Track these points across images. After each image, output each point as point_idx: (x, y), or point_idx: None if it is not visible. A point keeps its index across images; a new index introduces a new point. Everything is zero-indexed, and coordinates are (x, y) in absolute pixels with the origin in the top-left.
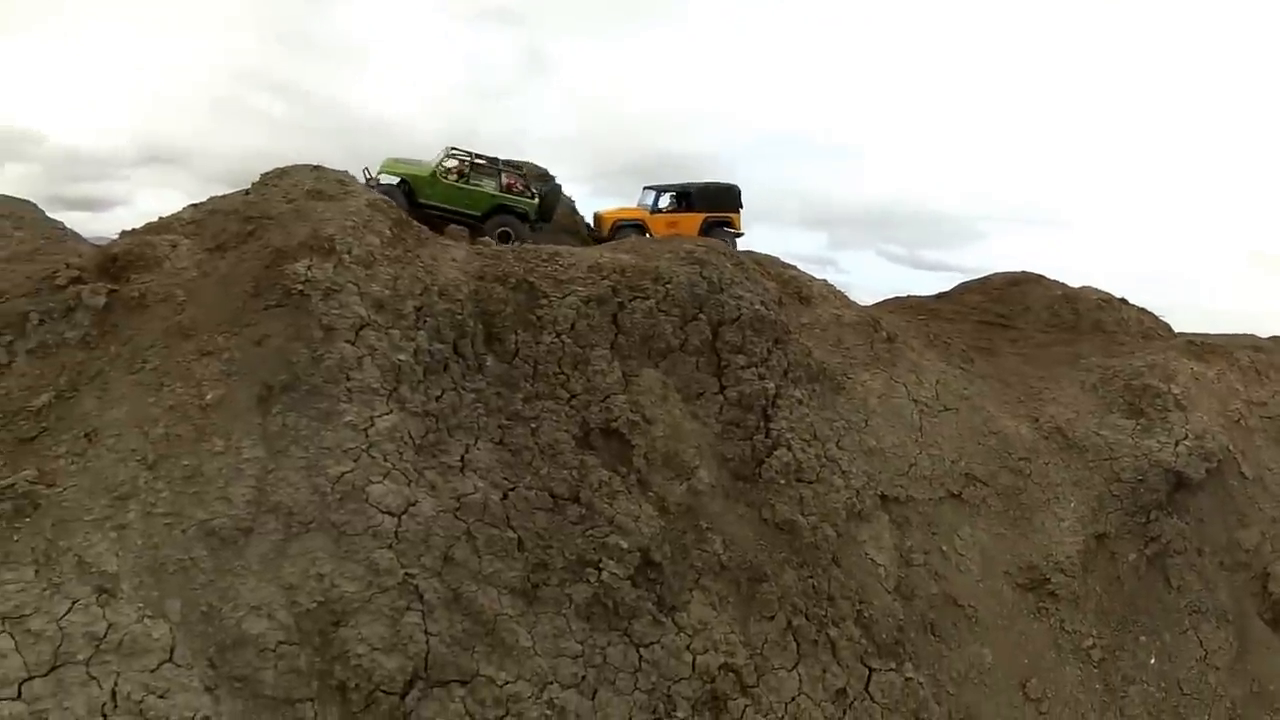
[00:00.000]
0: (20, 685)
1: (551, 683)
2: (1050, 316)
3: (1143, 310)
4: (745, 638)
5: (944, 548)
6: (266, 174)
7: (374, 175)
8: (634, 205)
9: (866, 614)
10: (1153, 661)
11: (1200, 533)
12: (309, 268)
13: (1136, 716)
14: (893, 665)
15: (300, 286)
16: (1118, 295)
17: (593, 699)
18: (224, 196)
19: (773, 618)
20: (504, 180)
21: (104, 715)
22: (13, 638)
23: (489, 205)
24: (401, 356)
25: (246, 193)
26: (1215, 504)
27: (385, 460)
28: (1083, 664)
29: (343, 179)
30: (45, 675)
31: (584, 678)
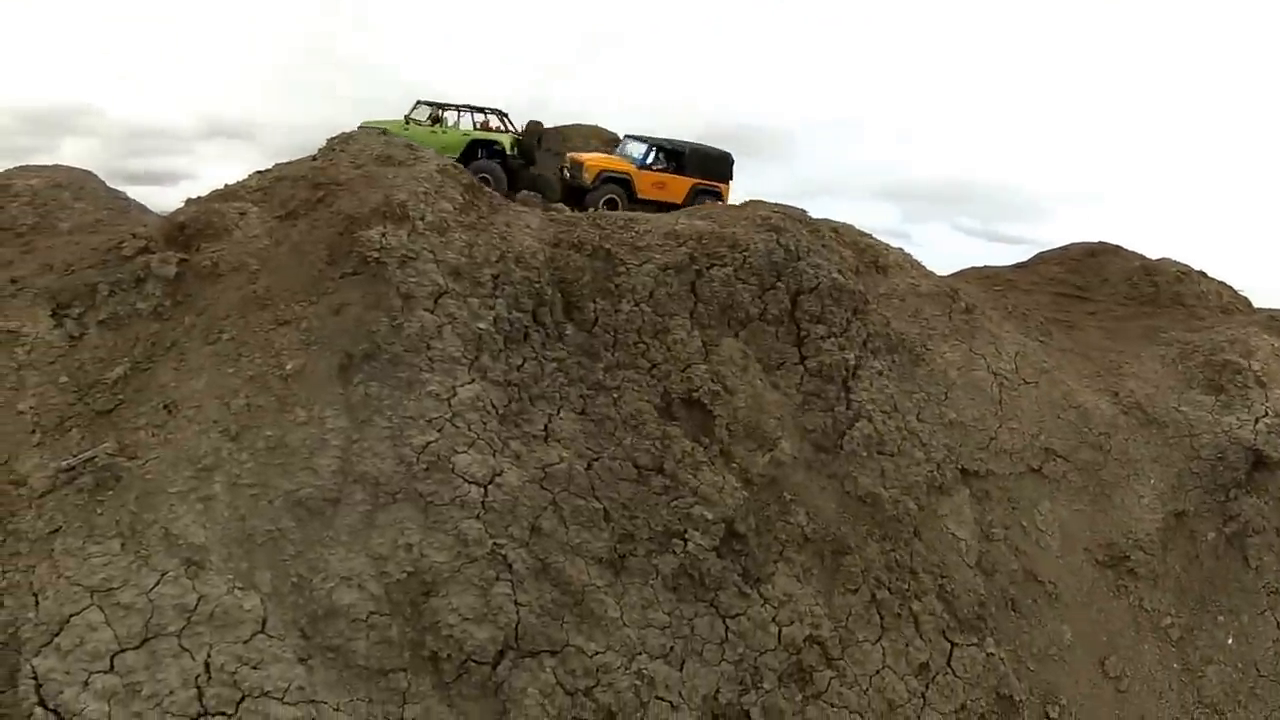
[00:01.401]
0: (112, 658)
1: (640, 653)
2: (1129, 289)
3: (1222, 284)
4: (829, 610)
5: (1024, 523)
6: (332, 140)
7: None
8: (615, 155)
9: (948, 588)
10: (1230, 642)
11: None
12: (384, 235)
13: (1213, 697)
14: (974, 640)
15: (376, 254)
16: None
17: (680, 669)
18: (290, 163)
19: (856, 590)
20: (477, 120)
21: (198, 687)
22: (102, 610)
23: (464, 144)
24: (481, 325)
25: (314, 159)
26: None
27: (470, 430)
28: (1161, 643)
29: (410, 145)
30: (137, 648)
31: (672, 648)
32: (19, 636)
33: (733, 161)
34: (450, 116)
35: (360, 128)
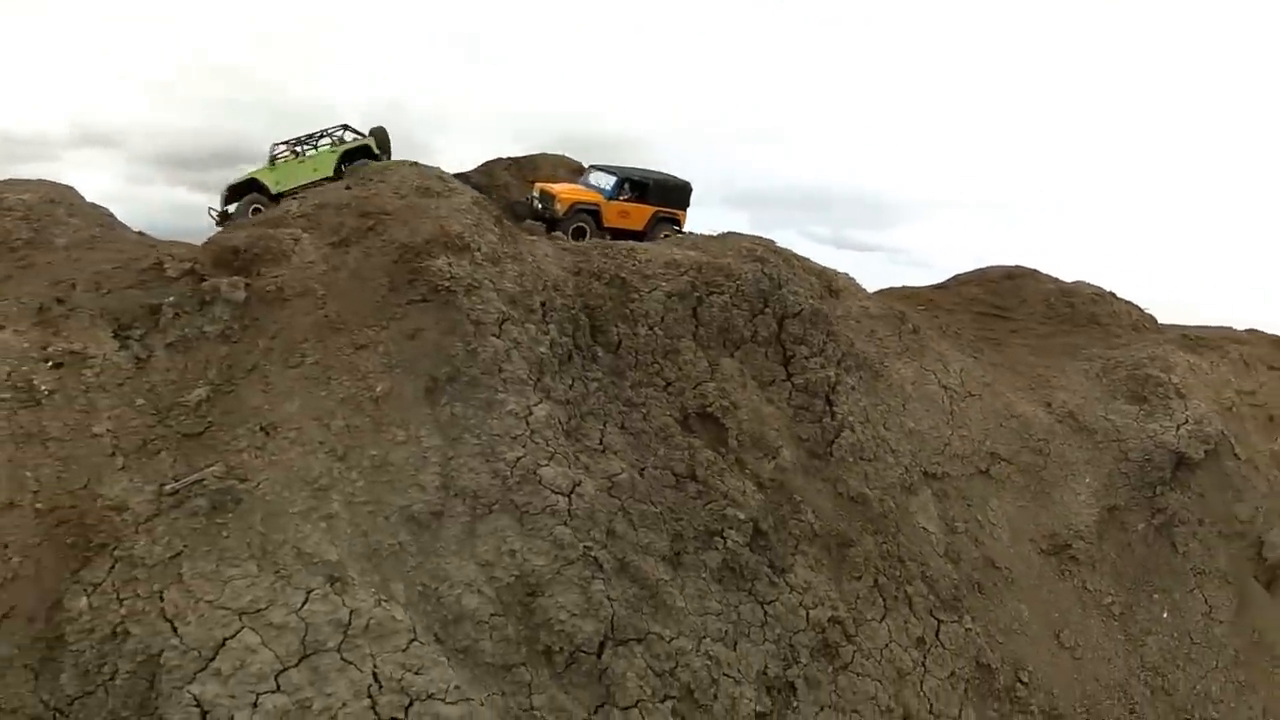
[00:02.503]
0: (276, 677)
1: (704, 637)
2: (1046, 309)
3: (1130, 303)
4: (841, 595)
5: (979, 518)
6: (367, 169)
7: (219, 208)
8: (579, 185)
9: (928, 574)
10: (1165, 616)
11: (1201, 506)
12: (449, 264)
13: (1154, 662)
14: (955, 618)
15: (446, 282)
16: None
17: (734, 649)
18: (328, 190)
19: (860, 577)
20: (331, 138)
21: (370, 696)
22: (255, 631)
23: (336, 161)
24: (541, 349)
25: (348, 187)
26: (1213, 481)
27: (548, 445)
28: (1105, 618)
29: (442, 175)
30: (297, 665)
31: (726, 632)
32: (161, 663)
33: (690, 190)
34: (310, 145)
35: (230, 188)
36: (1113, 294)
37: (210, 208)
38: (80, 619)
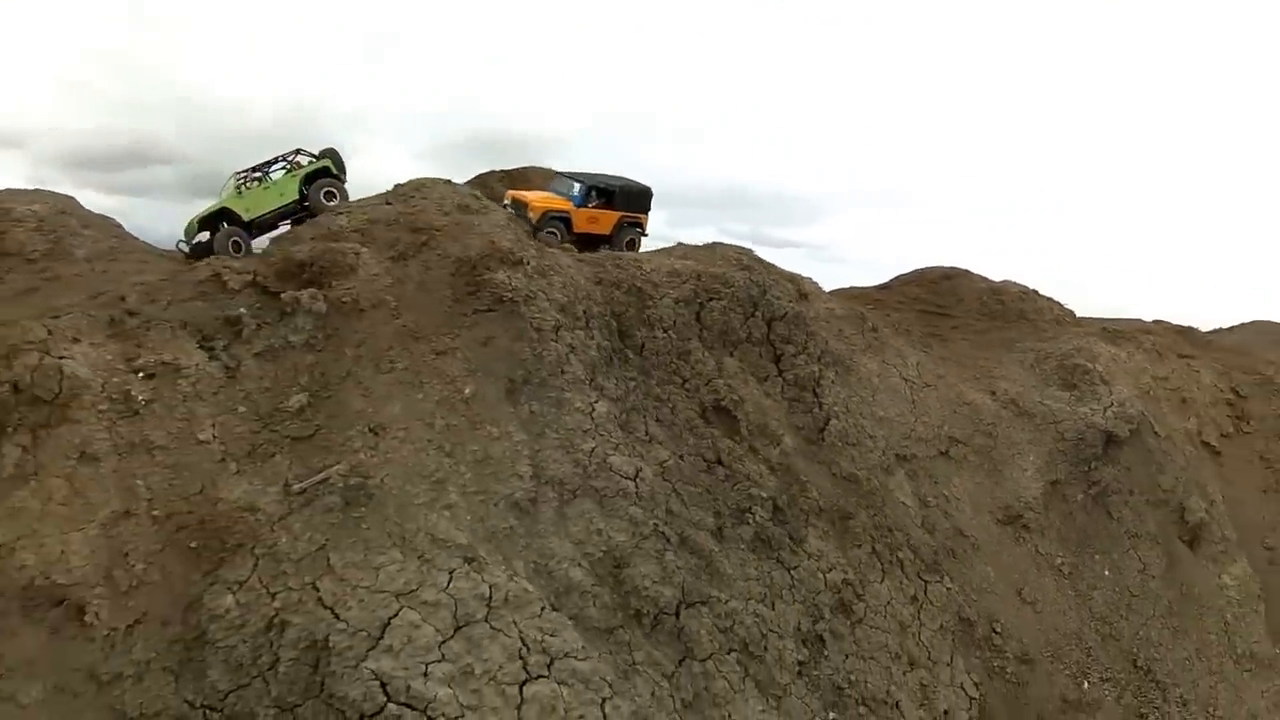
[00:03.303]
0: (440, 647)
1: (750, 599)
2: (980, 306)
3: (1051, 299)
4: (847, 560)
5: (945, 493)
6: (401, 186)
7: (187, 240)
8: (549, 193)
9: (911, 542)
10: (1106, 573)
11: (1129, 477)
12: (509, 277)
13: (1102, 612)
14: (937, 579)
15: (509, 293)
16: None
17: (773, 609)
18: (370, 206)
19: (860, 546)
20: (288, 163)
21: (520, 657)
22: (414, 610)
23: (299, 184)
24: (591, 352)
25: (388, 202)
26: (1138, 456)
27: (611, 437)
28: (1057, 577)
29: (476, 194)
30: (454, 636)
31: (765, 594)
32: (330, 647)
33: (652, 195)
34: (268, 171)
35: (200, 219)
36: (1036, 291)
37: (180, 241)
38: (227, 616)
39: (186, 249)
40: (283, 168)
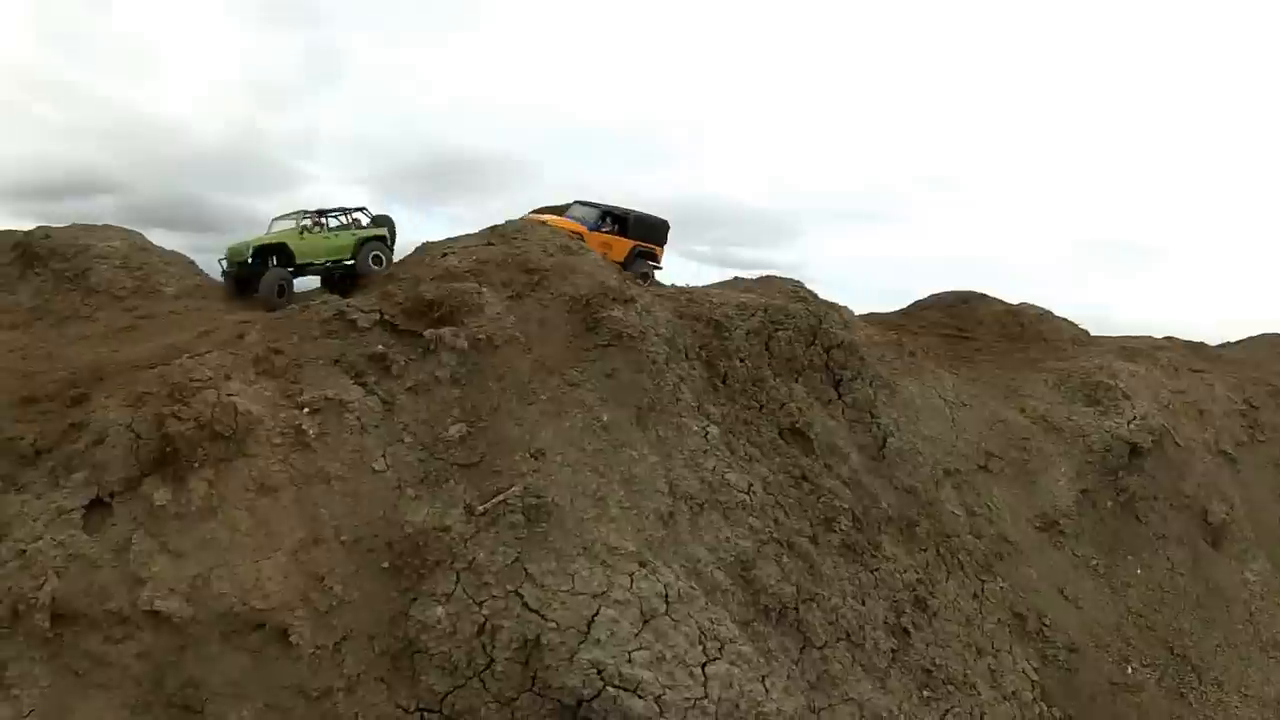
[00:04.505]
0: (635, 638)
1: (846, 596)
2: (1000, 328)
3: (1065, 319)
4: (915, 562)
5: (987, 504)
6: (501, 227)
7: (231, 261)
8: (565, 218)
9: (966, 547)
10: (1139, 572)
11: (1154, 485)
12: (624, 314)
13: (1137, 608)
14: (991, 578)
15: (627, 329)
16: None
17: (864, 604)
18: (472, 246)
19: (925, 550)
20: (348, 217)
21: (702, 643)
22: (610, 608)
23: (355, 244)
24: (697, 382)
25: (490, 243)
26: (1161, 465)
27: (725, 456)
28: (1093, 576)
29: (570, 237)
30: (644, 628)
31: (856, 592)
32: (543, 644)
33: (668, 227)
34: (334, 218)
35: (256, 248)
36: (1050, 312)
37: (221, 259)
38: (438, 626)
39: (226, 266)
40: (340, 222)
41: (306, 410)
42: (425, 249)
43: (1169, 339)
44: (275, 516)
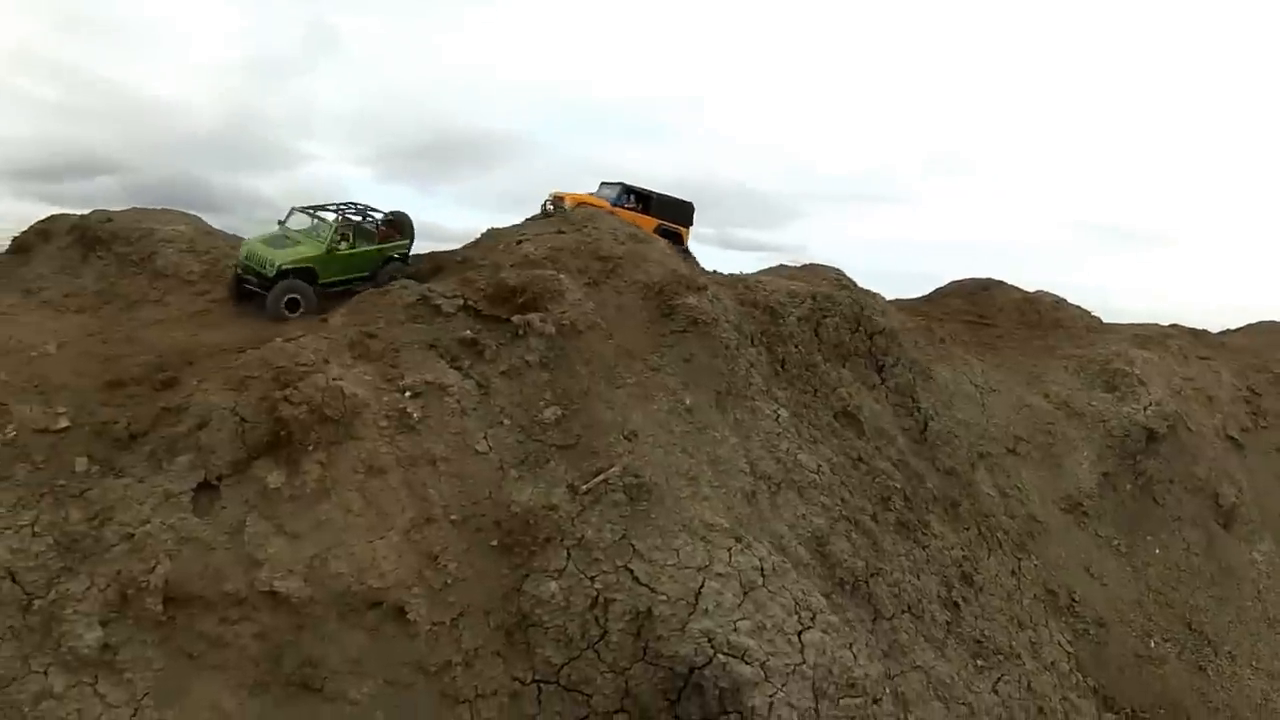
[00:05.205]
0: (738, 608)
1: (905, 571)
2: (1019, 316)
3: (1078, 307)
4: (960, 540)
5: (1017, 486)
6: (571, 216)
7: (254, 268)
8: (591, 193)
9: (1002, 526)
10: (1158, 551)
11: (1169, 468)
12: (698, 301)
13: (1156, 585)
14: (1026, 556)
15: (702, 315)
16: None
17: (919, 579)
18: (547, 234)
19: (968, 529)
20: (376, 227)
21: (796, 612)
22: (714, 581)
23: (378, 260)
24: (764, 366)
25: (561, 231)
26: (1175, 449)
27: (796, 438)
28: (1116, 556)
29: (633, 230)
30: (746, 599)
31: (912, 567)
32: (654, 615)
33: (693, 209)
34: (356, 235)
35: (280, 269)
36: (1064, 300)
37: (233, 266)
38: (553, 601)
39: (240, 270)
40: (356, 219)
41: (409, 394)
42: (494, 235)
43: (1174, 326)
44: (385, 497)
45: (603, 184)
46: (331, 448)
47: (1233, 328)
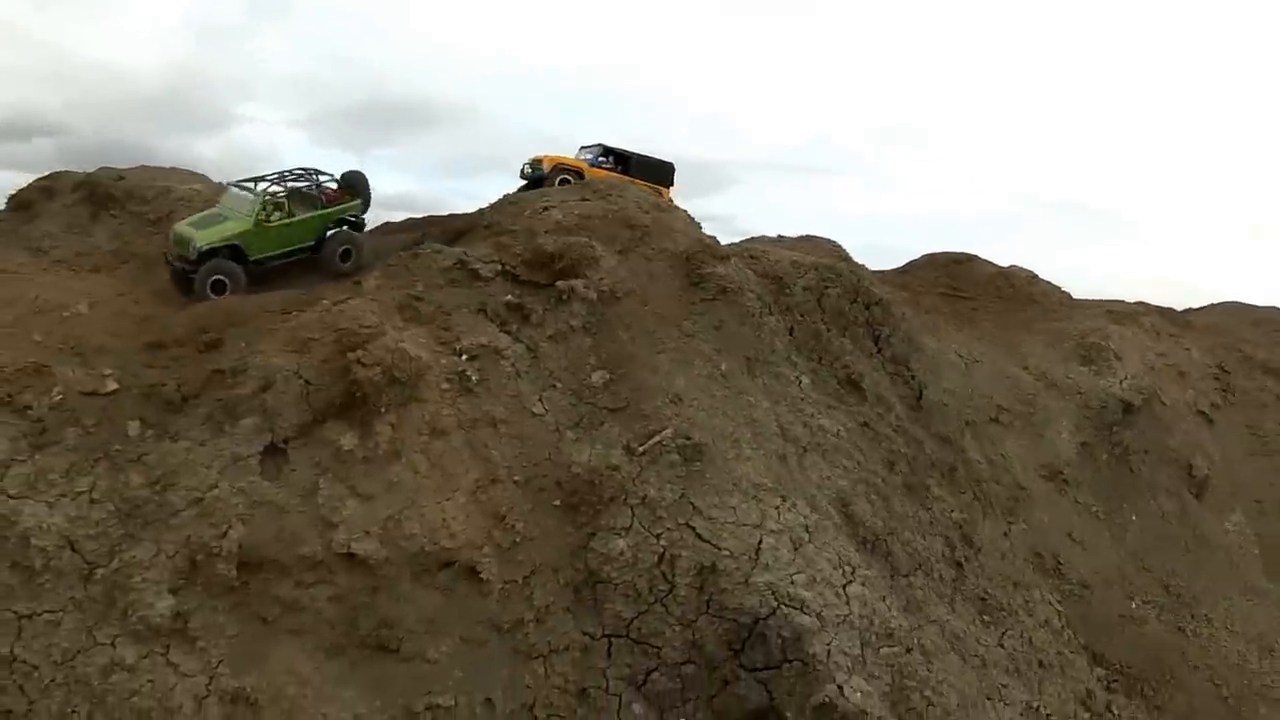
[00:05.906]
0: (792, 560)
1: (915, 532)
2: (994, 290)
3: (1049, 282)
4: (958, 503)
5: (1001, 454)
6: (595, 184)
7: (179, 254)
8: (571, 155)
9: (992, 492)
10: (1134, 518)
11: (1144, 439)
12: (726, 269)
13: (1135, 551)
14: (1015, 520)
15: (730, 284)
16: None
17: (926, 539)
18: (573, 201)
19: (964, 493)
20: (318, 189)
21: (840, 567)
22: (771, 537)
23: (319, 229)
24: (787, 334)
25: (585, 198)
26: (1150, 421)
27: (816, 402)
28: (1096, 522)
29: (655, 200)
30: (797, 553)
31: (919, 528)
32: (719, 570)
33: (673, 170)
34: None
35: (201, 252)
36: (1037, 275)
37: (166, 254)
38: (621, 558)
39: (170, 258)
40: (305, 191)
41: (465, 356)
42: (515, 200)
43: (1141, 304)
44: (449, 459)
45: (582, 147)
46: (400, 410)
47: (1194, 307)
